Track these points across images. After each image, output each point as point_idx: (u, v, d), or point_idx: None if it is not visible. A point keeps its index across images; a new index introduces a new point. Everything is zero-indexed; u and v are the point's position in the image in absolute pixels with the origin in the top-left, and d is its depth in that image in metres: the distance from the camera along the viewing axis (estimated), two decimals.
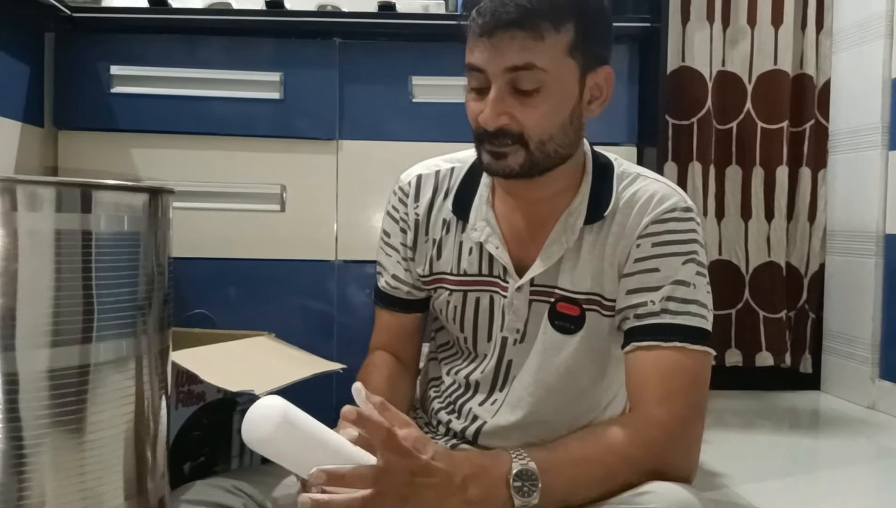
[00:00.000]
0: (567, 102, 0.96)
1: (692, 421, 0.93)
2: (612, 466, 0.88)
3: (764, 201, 2.62)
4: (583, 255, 1.02)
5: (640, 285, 0.98)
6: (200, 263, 1.66)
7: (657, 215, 0.99)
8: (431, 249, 1.10)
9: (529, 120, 0.94)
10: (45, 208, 0.64)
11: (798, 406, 2.50)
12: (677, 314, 0.96)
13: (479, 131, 0.97)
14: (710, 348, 0.96)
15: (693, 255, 0.98)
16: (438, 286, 1.10)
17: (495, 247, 1.04)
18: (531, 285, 1.03)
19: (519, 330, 1.04)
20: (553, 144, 0.96)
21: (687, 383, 0.94)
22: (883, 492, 1.72)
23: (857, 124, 2.49)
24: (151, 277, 0.73)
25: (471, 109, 0.98)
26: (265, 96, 1.68)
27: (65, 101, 1.67)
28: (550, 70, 0.93)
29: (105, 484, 0.68)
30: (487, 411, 1.07)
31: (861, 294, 2.46)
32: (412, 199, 1.12)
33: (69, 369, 0.65)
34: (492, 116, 0.93)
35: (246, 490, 1.03)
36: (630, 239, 1.00)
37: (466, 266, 1.07)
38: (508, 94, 0.93)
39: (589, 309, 1.02)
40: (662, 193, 1.01)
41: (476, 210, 1.07)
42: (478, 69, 0.94)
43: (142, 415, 0.72)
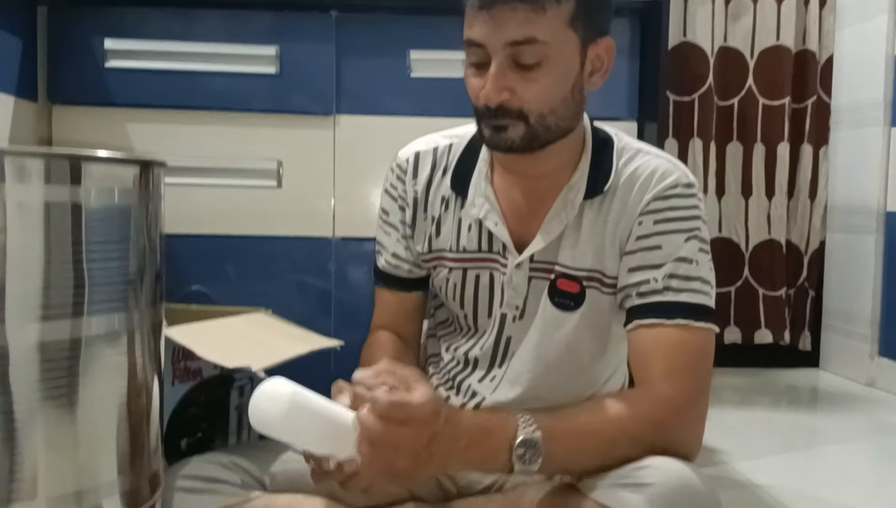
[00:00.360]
0: (568, 75, 0.95)
1: (696, 398, 0.93)
2: (614, 439, 0.88)
3: (765, 178, 2.60)
4: (583, 232, 1.01)
5: (642, 262, 0.97)
6: (197, 239, 1.65)
7: (659, 191, 0.98)
8: (430, 226, 1.09)
9: (530, 95, 0.92)
10: (33, 180, 0.63)
11: (797, 384, 2.51)
12: (680, 292, 0.95)
13: (480, 107, 0.95)
14: (713, 324, 0.96)
15: (695, 231, 0.98)
16: (438, 264, 1.10)
17: (494, 224, 1.03)
18: (531, 262, 1.02)
19: (518, 307, 1.04)
20: (554, 118, 0.95)
21: (691, 360, 0.93)
22: (881, 468, 1.72)
23: (860, 101, 2.47)
24: (143, 250, 0.72)
25: (471, 85, 0.96)
26: (261, 71, 1.66)
27: (59, 75, 1.65)
28: (552, 43, 0.91)
29: (98, 459, 0.68)
30: (486, 387, 1.06)
31: (861, 272, 2.45)
32: (410, 176, 1.10)
33: (60, 343, 0.65)
34: (493, 91, 0.92)
35: (243, 465, 1.03)
36: (631, 216, 0.99)
37: (466, 243, 1.06)
38: (509, 68, 0.91)
39: (589, 286, 1.01)
40: (664, 169, 1.00)
41: (475, 186, 1.05)
42: (477, 44, 0.92)
43: (135, 390, 0.71)
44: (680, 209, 0.98)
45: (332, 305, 1.72)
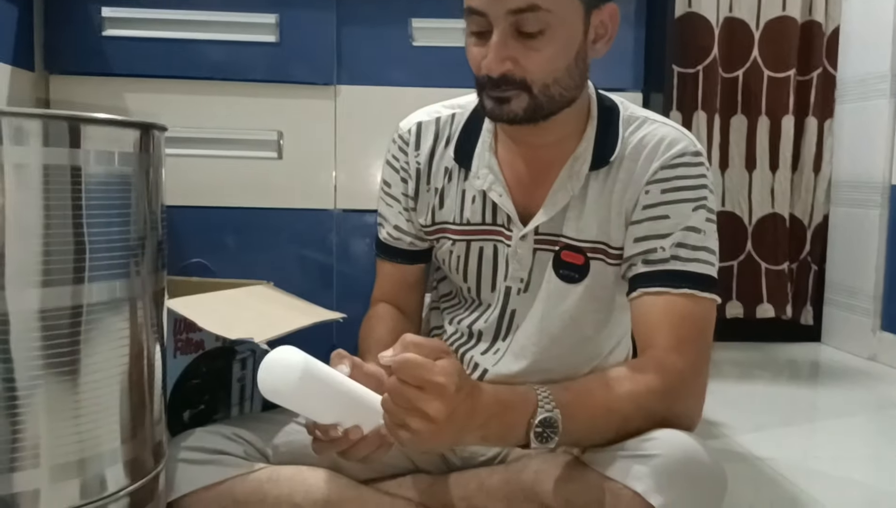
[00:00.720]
0: (572, 43, 0.93)
1: (702, 369, 0.92)
2: (630, 415, 0.87)
3: (769, 152, 2.58)
4: (588, 203, 0.99)
5: (649, 232, 0.96)
6: (197, 211, 1.64)
7: (666, 160, 0.97)
8: (433, 198, 1.08)
9: (533, 64, 0.90)
10: (31, 142, 0.61)
11: (798, 358, 2.51)
12: (687, 261, 0.94)
13: (482, 77, 0.93)
14: (717, 295, 0.95)
15: (703, 201, 0.96)
16: (441, 236, 1.08)
17: (499, 195, 1.01)
18: (535, 234, 1.01)
19: (523, 279, 1.03)
20: (558, 88, 0.93)
21: (697, 330, 0.93)
22: (881, 442, 1.73)
23: (866, 73, 2.44)
24: (144, 217, 0.71)
25: (472, 55, 0.94)
26: (261, 39, 1.63)
27: (55, 44, 1.62)
28: (555, 10, 0.89)
29: (100, 427, 0.67)
30: (489, 360, 1.06)
31: (864, 246, 2.44)
32: (412, 147, 1.09)
33: (61, 309, 0.63)
34: (495, 61, 0.90)
35: (246, 437, 1.02)
36: (638, 185, 0.97)
37: (469, 215, 1.05)
38: (511, 37, 0.89)
39: (594, 258, 1.00)
40: (671, 137, 0.98)
41: (479, 157, 1.04)
42: (478, 12, 0.90)
43: (137, 358, 0.70)
44: (688, 178, 0.96)
45: (334, 277, 1.71)
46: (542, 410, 0.82)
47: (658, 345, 0.92)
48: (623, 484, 0.82)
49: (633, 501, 0.81)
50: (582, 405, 0.86)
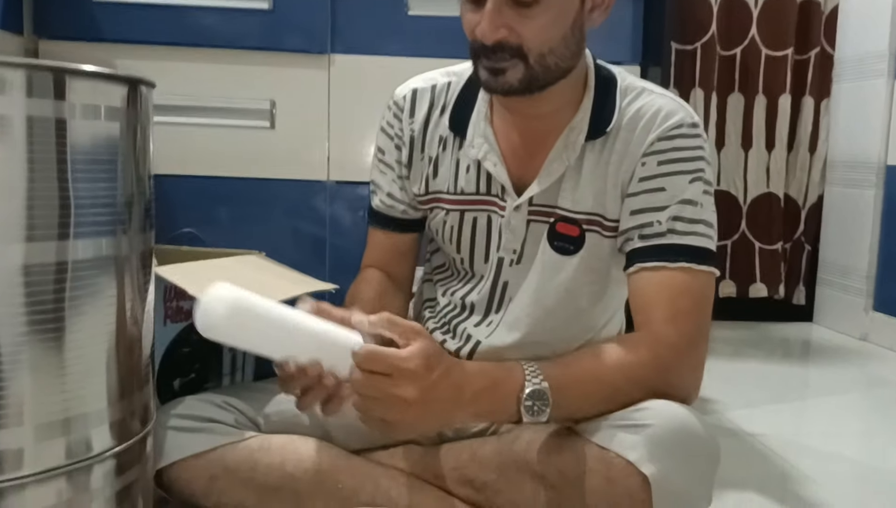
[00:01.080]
0: (568, 12, 0.91)
1: (699, 342, 0.91)
2: (620, 386, 0.86)
3: (765, 131, 2.57)
4: (584, 174, 0.98)
5: (646, 204, 0.95)
6: (188, 180, 1.62)
7: (663, 131, 0.95)
8: (427, 167, 1.06)
9: (529, 32, 0.89)
10: (14, 93, 0.59)
11: (790, 337, 2.51)
12: (684, 235, 0.93)
13: (476, 45, 0.91)
14: (715, 268, 0.94)
15: (700, 173, 0.95)
16: (435, 206, 1.07)
17: (493, 165, 1.00)
18: (530, 205, 1.00)
19: (516, 250, 1.01)
20: (553, 57, 0.92)
21: (694, 303, 0.92)
22: (871, 419, 1.73)
23: (864, 52, 2.43)
24: (131, 174, 0.69)
25: (466, 21, 0.92)
26: (253, 6, 1.61)
27: (45, 8, 1.60)
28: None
29: (87, 387, 0.66)
30: (482, 331, 1.05)
31: (859, 226, 2.44)
32: (407, 114, 1.07)
33: (46, 265, 0.62)
34: (489, 28, 0.88)
35: (237, 405, 1.01)
36: (635, 157, 0.96)
37: (464, 185, 1.04)
38: (506, 5, 0.87)
39: (589, 229, 0.99)
40: (668, 108, 0.97)
41: (474, 126, 1.02)
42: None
43: (124, 317, 0.69)
44: (685, 150, 0.95)
45: (327, 249, 1.70)
46: (530, 383, 0.82)
47: (653, 319, 0.91)
48: (616, 453, 0.82)
49: (626, 470, 0.81)
50: (570, 376, 0.85)
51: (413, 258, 1.15)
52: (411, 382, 0.75)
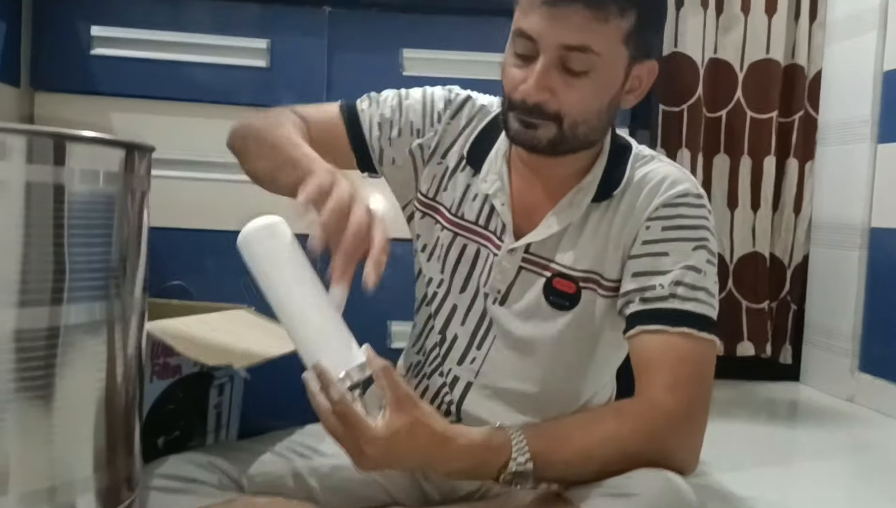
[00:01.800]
0: (609, 89, 0.94)
1: (697, 411, 0.91)
2: (610, 459, 0.86)
3: (751, 191, 2.61)
4: (586, 232, 0.99)
5: (648, 268, 0.96)
6: (179, 233, 1.62)
7: (668, 198, 0.97)
8: (443, 176, 1.07)
9: (570, 100, 0.91)
10: (14, 158, 0.59)
11: (777, 397, 2.51)
12: (686, 300, 0.93)
13: (515, 100, 0.93)
14: (716, 336, 0.94)
15: (704, 242, 0.96)
16: (431, 215, 1.08)
17: (501, 203, 1.01)
18: (525, 252, 1.01)
19: (500, 291, 1.02)
20: (585, 128, 0.94)
21: (693, 371, 0.92)
22: (858, 484, 1.72)
23: (847, 117, 2.48)
24: (128, 238, 0.69)
25: (510, 75, 0.94)
26: (251, 64, 1.63)
27: (43, 61, 1.61)
28: (603, 55, 0.89)
29: (73, 454, 0.65)
30: (467, 371, 1.04)
31: (844, 287, 2.46)
32: (451, 112, 1.08)
33: (38, 331, 0.61)
34: (535, 89, 0.90)
35: (221, 465, 1.00)
36: (638, 220, 0.97)
37: (466, 211, 1.05)
38: (555, 69, 0.90)
39: (585, 287, 1.00)
40: (674, 176, 0.99)
41: (490, 162, 1.04)
42: (528, 37, 0.90)
43: (114, 383, 0.68)
44: (689, 218, 0.96)
45: None
46: (515, 462, 0.83)
47: (651, 386, 0.91)
48: None
49: None
50: (558, 452, 0.85)
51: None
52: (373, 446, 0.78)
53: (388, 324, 1.67)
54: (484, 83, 1.67)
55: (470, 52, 1.68)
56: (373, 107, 1.10)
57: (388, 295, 1.67)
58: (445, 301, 1.07)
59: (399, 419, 0.80)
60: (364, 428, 0.78)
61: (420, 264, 1.11)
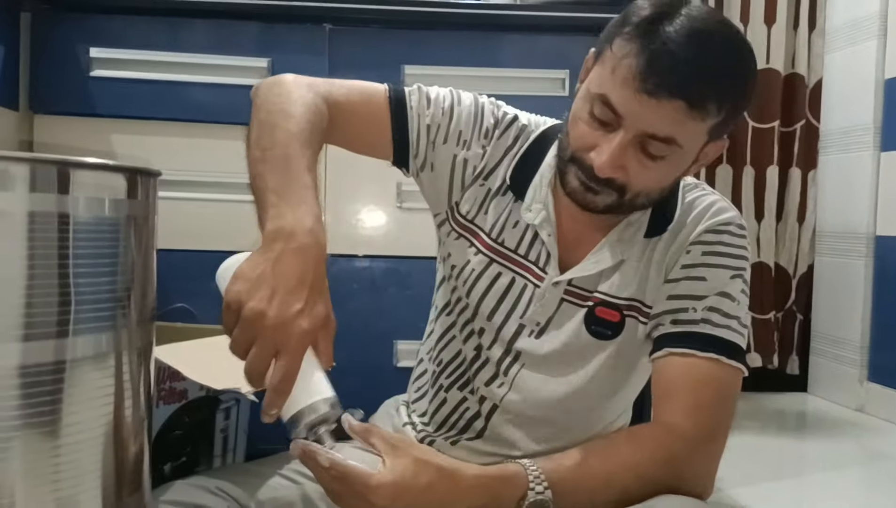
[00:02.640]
0: (682, 169, 0.91)
1: (716, 437, 0.89)
2: (630, 486, 0.84)
3: (754, 201, 2.60)
4: (630, 261, 0.97)
5: (685, 291, 0.94)
6: (182, 255, 1.60)
7: (712, 224, 0.95)
8: (484, 199, 1.02)
9: (640, 180, 0.88)
10: (17, 188, 0.58)
11: (786, 408, 2.49)
12: (718, 327, 0.91)
13: (582, 162, 0.89)
14: (744, 366, 0.92)
15: (742, 272, 0.95)
16: (467, 237, 1.03)
17: (548, 234, 0.98)
18: (568, 285, 0.98)
19: (539, 324, 0.99)
20: (646, 199, 0.92)
21: (716, 397, 0.90)
22: (872, 495, 1.70)
23: (849, 125, 2.47)
24: (134, 266, 0.67)
25: (581, 133, 0.89)
26: (252, 83, 1.61)
27: (42, 83, 1.60)
28: (685, 147, 0.87)
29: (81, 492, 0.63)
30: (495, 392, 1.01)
31: (850, 296, 2.44)
32: (498, 133, 1.02)
33: (43, 365, 0.59)
34: (609, 166, 0.86)
35: (229, 491, 0.98)
36: (682, 245, 0.96)
37: (506, 238, 1.00)
38: (632, 147, 0.86)
39: (629, 315, 0.97)
40: (720, 205, 0.97)
41: (535, 190, 1.00)
42: (615, 111, 0.85)
43: (122, 417, 0.66)
44: (731, 246, 0.95)
45: None
46: (533, 493, 0.80)
47: (673, 410, 0.89)
48: None
49: None
50: (577, 481, 0.83)
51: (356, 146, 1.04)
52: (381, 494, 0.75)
53: (395, 343, 1.65)
54: None
55: (471, 67, 1.67)
56: (422, 104, 1.02)
57: (395, 314, 1.67)
58: (471, 324, 1.04)
59: (400, 462, 0.77)
60: (366, 478, 0.75)
61: (444, 276, 1.07)
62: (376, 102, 1.01)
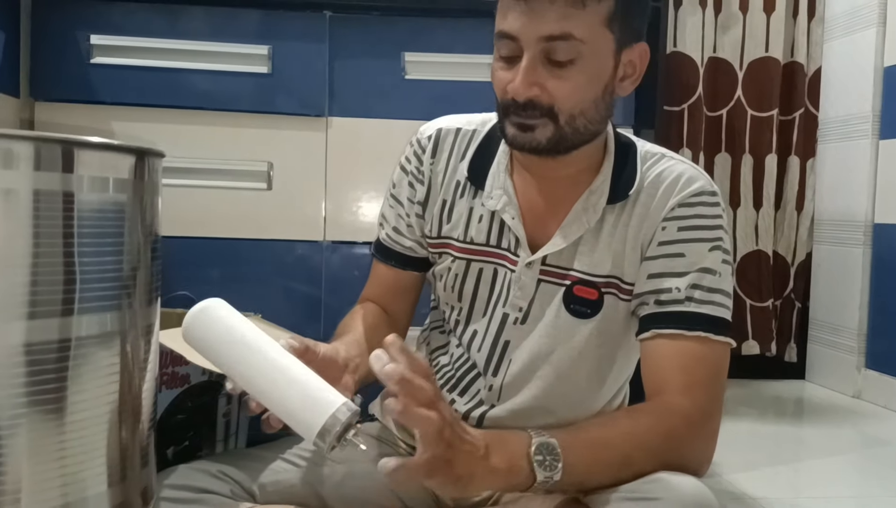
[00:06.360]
0: (601, 77, 0.92)
1: (712, 413, 0.90)
2: (629, 453, 0.84)
3: (753, 189, 2.60)
4: (603, 237, 0.97)
5: (664, 269, 0.94)
6: (182, 242, 1.60)
7: (684, 197, 0.96)
8: (442, 210, 1.05)
9: (561, 92, 0.89)
10: (21, 166, 0.58)
11: (783, 395, 2.50)
12: (702, 303, 0.92)
13: (507, 102, 0.92)
14: (731, 339, 0.94)
15: (719, 242, 0.95)
16: (443, 251, 1.06)
17: (511, 218, 0.99)
18: (542, 264, 0.99)
19: (522, 309, 1.00)
20: (583, 120, 0.92)
21: (709, 374, 0.91)
22: (869, 481, 1.71)
23: (848, 113, 2.47)
24: (138, 246, 0.68)
25: (498, 79, 0.93)
26: (252, 70, 1.62)
27: (42, 70, 1.60)
28: (588, 41, 0.88)
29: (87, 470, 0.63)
30: (490, 395, 1.03)
31: (848, 283, 2.45)
32: (429, 155, 1.06)
33: (48, 343, 0.60)
34: (523, 85, 0.89)
35: (232, 475, 0.99)
36: (655, 220, 0.96)
37: (474, 234, 1.03)
38: (541, 63, 0.88)
39: (607, 292, 0.98)
40: (689, 174, 0.97)
41: (493, 178, 1.02)
42: (510, 36, 0.89)
43: (127, 395, 0.66)
44: (705, 218, 0.95)
45: (322, 310, 1.68)
46: (537, 438, 0.81)
47: (668, 389, 0.90)
48: None
49: None
50: (578, 439, 0.84)
51: (413, 297, 1.13)
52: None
53: None
54: (485, 85, 1.67)
55: (471, 54, 1.67)
56: (385, 226, 1.11)
57: None
58: (467, 327, 1.05)
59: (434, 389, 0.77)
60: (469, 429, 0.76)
61: (437, 293, 1.11)
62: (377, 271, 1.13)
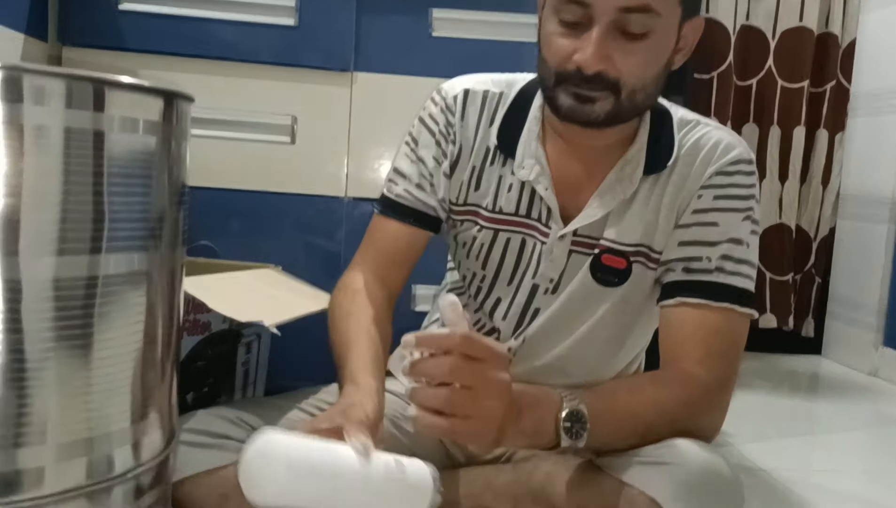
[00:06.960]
0: (666, 50, 0.89)
1: (728, 384, 0.91)
2: (653, 422, 0.85)
3: (779, 162, 2.57)
4: (635, 206, 0.96)
5: (696, 238, 0.94)
6: (205, 192, 1.60)
7: (722, 165, 0.94)
8: (471, 177, 1.02)
9: (629, 66, 0.86)
10: (53, 103, 0.58)
11: (799, 370, 2.50)
12: (731, 275, 0.92)
13: (567, 72, 0.87)
14: (754, 310, 0.93)
15: (750, 212, 0.94)
16: (468, 219, 1.03)
17: (545, 188, 0.97)
18: (574, 236, 0.98)
19: (553, 280, 0.99)
20: (643, 94, 0.89)
21: (728, 345, 0.91)
22: (880, 457, 1.71)
23: (880, 87, 2.43)
24: (166, 189, 0.68)
25: (557, 46, 0.87)
26: (279, 22, 1.61)
27: (71, 15, 1.59)
28: (663, 14, 0.85)
29: (111, 406, 0.64)
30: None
31: (870, 260, 2.43)
32: (458, 116, 1.01)
33: (76, 279, 0.61)
34: (595, 58, 0.84)
35: (250, 421, 1.00)
36: (692, 189, 0.95)
37: (503, 204, 1.00)
38: (613, 35, 0.84)
39: (636, 261, 0.97)
40: (727, 141, 0.96)
41: (524, 146, 0.99)
42: (581, 2, 0.84)
43: (153, 335, 0.67)
44: (741, 187, 0.94)
45: (341, 266, 1.68)
46: (568, 403, 0.80)
47: (687, 357, 0.90)
48: (639, 490, 0.80)
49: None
50: (607, 406, 0.84)
51: (414, 263, 1.06)
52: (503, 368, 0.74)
53: (413, 288, 1.66)
54: (514, 45, 1.66)
55: (501, 12, 1.64)
56: (401, 182, 1.04)
57: None
58: (490, 294, 1.05)
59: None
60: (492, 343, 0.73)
61: (457, 257, 1.08)
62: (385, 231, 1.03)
